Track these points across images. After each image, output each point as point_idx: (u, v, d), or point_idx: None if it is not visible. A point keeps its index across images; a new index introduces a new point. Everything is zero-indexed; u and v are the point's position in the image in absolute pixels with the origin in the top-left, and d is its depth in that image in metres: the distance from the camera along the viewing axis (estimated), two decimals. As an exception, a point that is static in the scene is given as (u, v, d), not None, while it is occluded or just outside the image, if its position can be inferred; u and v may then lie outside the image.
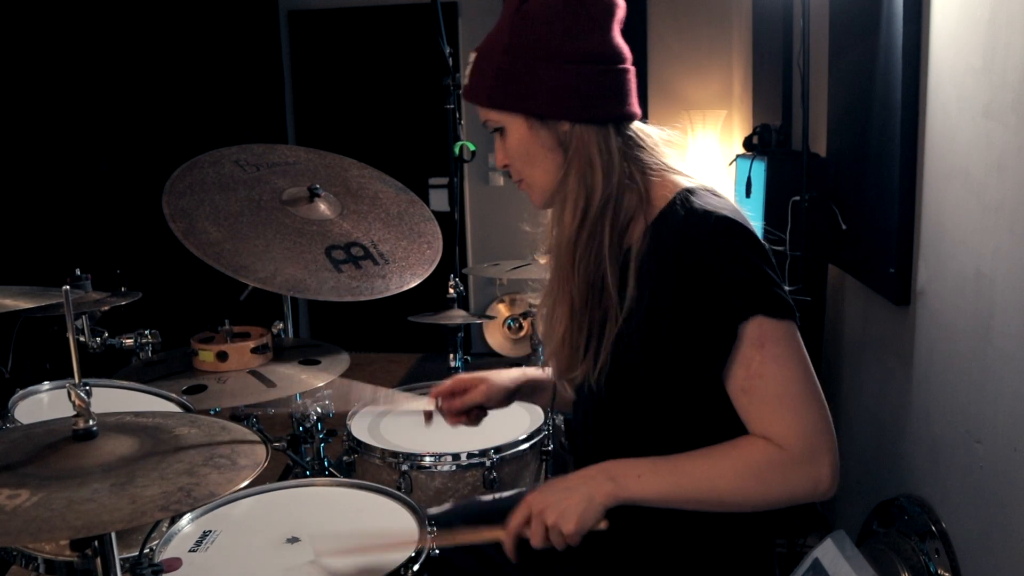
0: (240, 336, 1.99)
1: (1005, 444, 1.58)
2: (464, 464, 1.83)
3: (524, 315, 4.85)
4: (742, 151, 3.16)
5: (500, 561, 1.42)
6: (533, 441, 1.93)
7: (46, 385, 1.79)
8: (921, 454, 2.01)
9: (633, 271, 1.17)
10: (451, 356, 2.49)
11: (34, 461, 1.04)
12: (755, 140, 3.03)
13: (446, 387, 1.48)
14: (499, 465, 1.84)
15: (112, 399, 1.71)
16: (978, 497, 1.70)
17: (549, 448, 1.98)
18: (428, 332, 3.07)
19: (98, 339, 2.29)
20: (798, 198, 2.52)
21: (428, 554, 1.35)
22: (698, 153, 4.27)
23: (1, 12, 4.05)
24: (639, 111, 1.24)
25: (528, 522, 1.17)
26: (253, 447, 1.12)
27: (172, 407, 1.69)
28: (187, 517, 1.45)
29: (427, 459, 1.82)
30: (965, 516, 1.77)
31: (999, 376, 1.60)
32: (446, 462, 1.82)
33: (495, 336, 5.06)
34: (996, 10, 1.61)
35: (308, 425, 2.12)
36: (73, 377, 1.08)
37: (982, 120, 1.66)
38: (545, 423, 1.99)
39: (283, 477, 2.19)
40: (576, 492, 1.15)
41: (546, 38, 1.17)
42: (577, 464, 1.41)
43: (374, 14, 5.06)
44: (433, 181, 5.02)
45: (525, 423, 2.01)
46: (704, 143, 4.27)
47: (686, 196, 1.18)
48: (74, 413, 1.08)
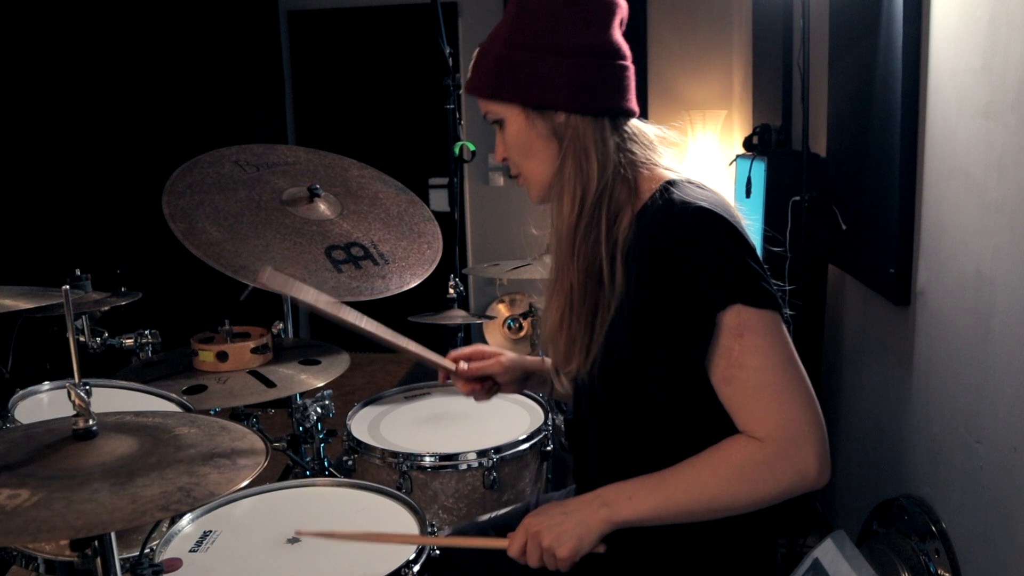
0: (240, 336, 2.00)
1: (1005, 444, 1.58)
2: (464, 464, 1.83)
3: (524, 315, 4.85)
4: (742, 151, 3.16)
5: (500, 561, 1.42)
6: (533, 441, 1.93)
7: (46, 385, 1.79)
8: (921, 454, 2.01)
9: (620, 262, 1.18)
10: (451, 356, 2.49)
11: (34, 461, 1.04)
12: (755, 140, 3.03)
13: (466, 352, 1.48)
14: (499, 465, 1.84)
15: (112, 399, 1.71)
16: (978, 497, 1.70)
17: (549, 448, 1.98)
18: (428, 332, 3.07)
19: (98, 339, 2.29)
20: (798, 198, 2.52)
21: (428, 554, 1.35)
22: (698, 153, 4.27)
23: (1, 12, 4.05)
24: (636, 108, 1.25)
25: (526, 544, 1.19)
26: (253, 447, 1.12)
27: (172, 407, 1.69)
28: (187, 517, 1.45)
29: (427, 459, 1.82)
30: (965, 516, 1.77)
31: (999, 376, 1.60)
32: (446, 462, 1.82)
33: (495, 336, 5.06)
34: (996, 10, 1.61)
35: (308, 425, 2.12)
36: (73, 377, 1.08)
37: (982, 120, 1.66)
38: (545, 423, 1.99)
39: (283, 477, 2.19)
40: (572, 517, 1.16)
41: (546, 31, 1.18)
42: (577, 461, 1.41)
43: (374, 14, 5.06)
44: (433, 181, 5.02)
45: (525, 423, 2.01)
46: (704, 143, 4.27)
47: (667, 187, 1.19)
48: (74, 413, 1.08)
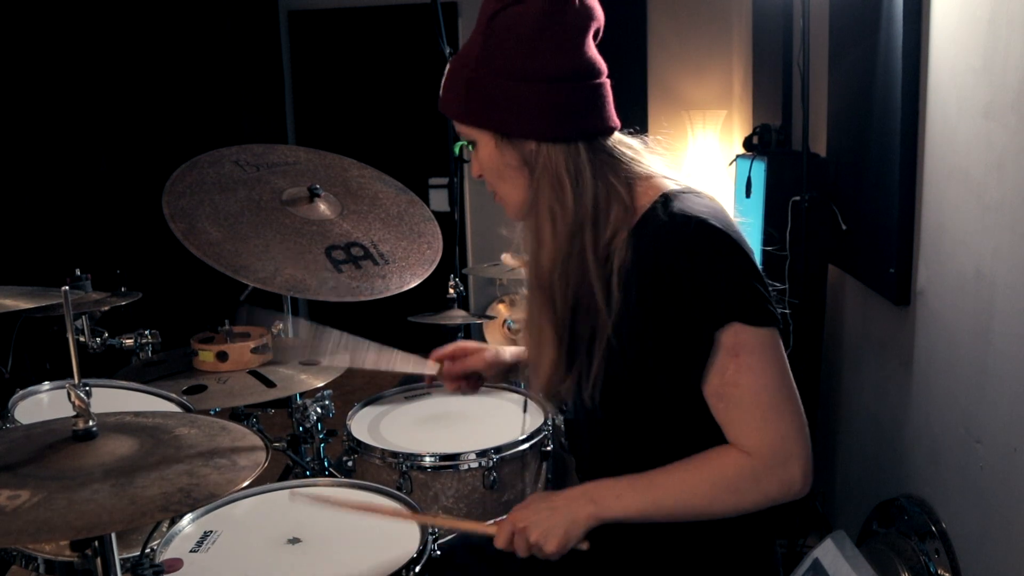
0: (240, 336, 1.99)
1: (1005, 444, 1.58)
2: (464, 464, 1.83)
3: (524, 315, 4.85)
4: (742, 151, 3.16)
5: (500, 561, 1.42)
6: (533, 441, 1.93)
7: (46, 385, 1.79)
8: (921, 454, 2.01)
9: (617, 281, 1.15)
10: (451, 356, 2.49)
11: (34, 461, 1.04)
12: (755, 140, 3.03)
13: (447, 351, 1.49)
14: (499, 465, 1.84)
15: (112, 399, 1.71)
16: (978, 497, 1.70)
17: (549, 448, 1.98)
18: (428, 332, 3.07)
19: (98, 339, 2.29)
20: (798, 198, 2.52)
21: (430, 555, 1.35)
22: (698, 153, 4.27)
23: (1, 12, 4.05)
24: (616, 123, 1.20)
25: (513, 536, 1.18)
26: (253, 447, 1.12)
27: (172, 407, 1.69)
28: (188, 517, 1.45)
29: (427, 459, 1.82)
30: (965, 516, 1.77)
31: (999, 376, 1.60)
32: (446, 462, 1.82)
33: (495, 336, 5.06)
34: (996, 10, 1.61)
35: (308, 425, 2.12)
36: (73, 377, 1.08)
37: (982, 120, 1.66)
38: (545, 423, 1.99)
39: (283, 477, 2.19)
40: (559, 512, 1.16)
41: (515, 56, 1.13)
42: (579, 467, 1.42)
43: (374, 14, 5.06)
44: (433, 181, 5.02)
45: (525, 423, 2.01)
46: (704, 143, 4.27)
47: (666, 200, 1.15)
48: (74, 413, 1.08)
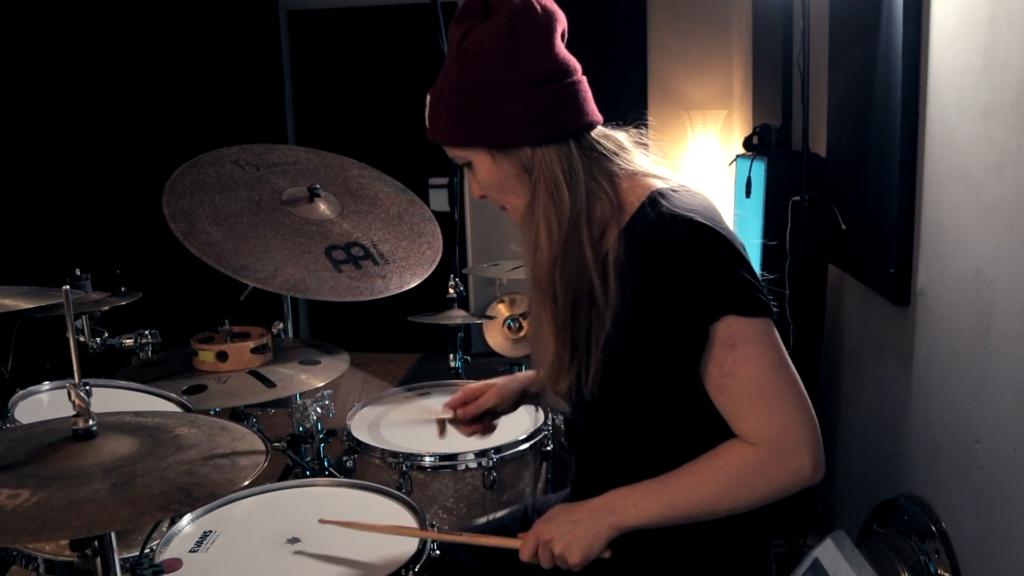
0: (240, 336, 2.00)
1: (1005, 444, 1.58)
2: (464, 464, 1.83)
3: (524, 315, 4.85)
4: (742, 151, 3.16)
5: (500, 561, 1.42)
6: (533, 441, 1.93)
7: (46, 385, 1.79)
8: (921, 454, 2.01)
9: (613, 277, 1.17)
10: (451, 356, 2.49)
11: (34, 461, 1.04)
12: (755, 140, 3.03)
13: (458, 398, 1.51)
14: (499, 465, 1.84)
15: (112, 399, 1.71)
16: (978, 497, 1.70)
17: (549, 448, 1.98)
18: (428, 332, 3.07)
19: (98, 339, 2.29)
20: (798, 198, 2.52)
21: (429, 554, 1.35)
22: (698, 153, 4.27)
23: (1, 12, 4.05)
24: (599, 117, 1.23)
25: (537, 549, 1.22)
26: (253, 447, 1.12)
27: (172, 407, 1.69)
28: (187, 517, 1.45)
29: (427, 459, 1.82)
30: (965, 516, 1.77)
31: (999, 376, 1.60)
32: (446, 462, 1.82)
33: (495, 336, 5.06)
34: (996, 10, 1.61)
35: (308, 425, 2.12)
36: (73, 377, 1.08)
37: (982, 120, 1.66)
38: (545, 423, 1.99)
39: (283, 477, 2.19)
40: (581, 526, 1.18)
41: (490, 71, 1.16)
42: (578, 468, 1.42)
43: (374, 14, 5.06)
44: (433, 181, 5.02)
45: (525, 423, 2.01)
46: (704, 143, 4.27)
47: (655, 199, 1.17)
48: (74, 413, 1.08)
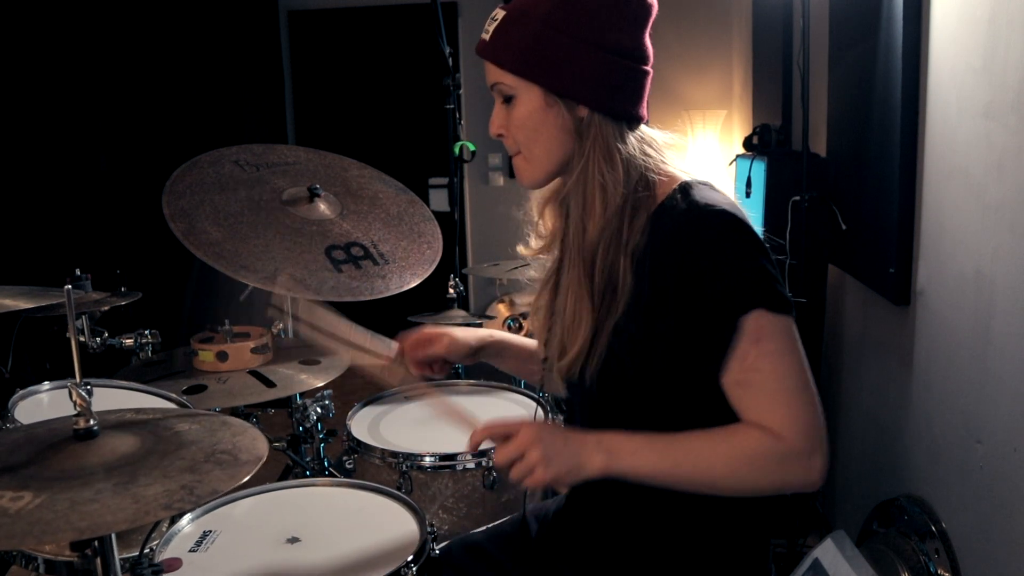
0: (240, 336, 2.00)
1: (1005, 444, 1.58)
2: (464, 464, 1.83)
3: (524, 315, 4.84)
4: (742, 151, 3.16)
5: (500, 561, 1.42)
6: (533, 441, 1.92)
7: (46, 385, 1.79)
8: (921, 454, 2.01)
9: (629, 267, 1.16)
10: (451, 356, 2.48)
11: (36, 462, 1.04)
12: (755, 140, 3.04)
13: (412, 337, 1.50)
14: (499, 465, 1.84)
15: (112, 399, 1.71)
16: (978, 497, 1.70)
17: (549, 448, 1.98)
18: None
19: (98, 339, 2.29)
20: (798, 198, 2.52)
21: (428, 554, 1.35)
22: (698, 153, 4.27)
23: (1, 12, 4.05)
24: (646, 115, 1.24)
25: (513, 445, 1.14)
26: (254, 442, 1.12)
27: (172, 407, 1.69)
28: (187, 517, 1.45)
29: (427, 459, 1.82)
30: (965, 516, 1.77)
31: (999, 376, 1.60)
32: (446, 462, 1.82)
33: (495, 336, 5.06)
34: (996, 10, 1.61)
35: (308, 425, 2.12)
36: (74, 377, 1.08)
37: (982, 120, 1.66)
38: (546, 423, 1.99)
39: (283, 477, 2.19)
40: (571, 447, 1.13)
41: (589, 21, 1.15)
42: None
43: (374, 14, 5.06)
44: (433, 181, 5.02)
45: (525, 423, 2.01)
46: (704, 143, 4.27)
47: (686, 189, 1.18)
48: (75, 412, 1.08)
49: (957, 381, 1.79)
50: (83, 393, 1.06)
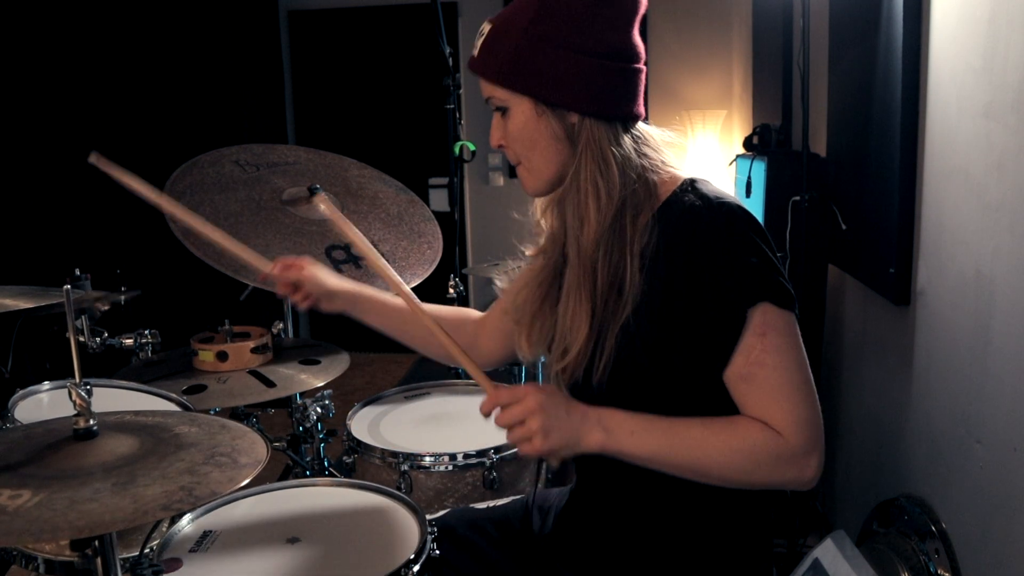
0: (240, 336, 2.00)
1: (1005, 444, 1.58)
2: (464, 464, 1.83)
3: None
4: (742, 151, 3.16)
5: (500, 562, 1.42)
6: (533, 441, 1.92)
7: (46, 385, 1.79)
8: (921, 454, 2.01)
9: (637, 266, 1.16)
10: (451, 356, 2.48)
11: (35, 461, 1.04)
12: (755, 140, 3.04)
13: (289, 260, 1.54)
14: (499, 465, 1.84)
15: (112, 399, 1.71)
16: (978, 497, 1.70)
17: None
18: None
19: (98, 339, 2.29)
20: (798, 198, 2.52)
21: (428, 554, 1.35)
22: (698, 153, 4.27)
23: (1, 12, 4.05)
24: (643, 112, 1.24)
25: (516, 409, 1.14)
26: (253, 444, 1.12)
27: (172, 407, 1.69)
28: (187, 517, 1.45)
29: (427, 459, 1.82)
30: (965, 516, 1.77)
31: (999, 376, 1.60)
32: (446, 462, 1.82)
33: (495, 336, 5.06)
34: (996, 10, 1.61)
35: (308, 425, 2.12)
36: (73, 377, 1.08)
37: (982, 120, 1.66)
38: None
39: (283, 477, 2.19)
40: (570, 421, 1.14)
41: (571, 28, 1.15)
42: (578, 463, 1.41)
43: (374, 14, 5.06)
44: (433, 181, 5.02)
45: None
46: (704, 143, 4.27)
47: (692, 184, 1.19)
48: (74, 412, 1.08)
49: (957, 381, 1.79)
50: (83, 393, 1.06)
